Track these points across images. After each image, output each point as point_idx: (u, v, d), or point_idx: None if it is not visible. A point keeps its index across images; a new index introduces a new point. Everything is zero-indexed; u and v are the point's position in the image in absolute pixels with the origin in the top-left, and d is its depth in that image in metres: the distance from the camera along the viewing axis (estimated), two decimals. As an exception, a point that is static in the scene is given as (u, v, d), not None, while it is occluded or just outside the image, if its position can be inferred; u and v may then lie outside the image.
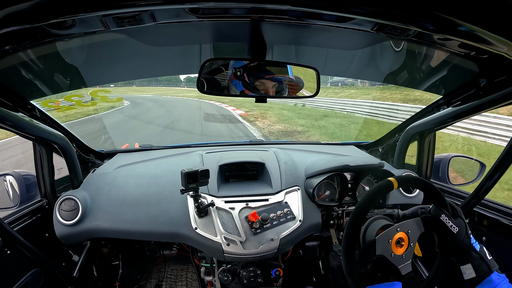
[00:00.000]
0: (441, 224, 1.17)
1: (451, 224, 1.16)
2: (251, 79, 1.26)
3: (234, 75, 1.24)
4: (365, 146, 2.42)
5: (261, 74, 1.27)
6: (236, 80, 1.24)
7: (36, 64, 1.22)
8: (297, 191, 1.62)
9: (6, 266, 1.34)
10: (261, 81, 1.28)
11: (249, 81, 1.26)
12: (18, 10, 0.56)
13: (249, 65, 1.24)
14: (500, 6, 0.61)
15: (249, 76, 1.25)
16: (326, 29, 1.10)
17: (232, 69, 1.23)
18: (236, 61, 1.24)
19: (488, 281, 1.11)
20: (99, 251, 1.97)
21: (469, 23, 0.65)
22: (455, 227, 1.16)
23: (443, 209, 1.18)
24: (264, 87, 1.29)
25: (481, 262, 1.14)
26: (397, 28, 0.88)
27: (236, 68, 1.23)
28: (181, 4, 0.73)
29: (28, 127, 1.33)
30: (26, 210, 1.55)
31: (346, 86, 24.85)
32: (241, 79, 1.24)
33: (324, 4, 0.68)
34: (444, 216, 1.17)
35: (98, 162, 2.05)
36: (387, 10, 0.68)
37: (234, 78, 1.24)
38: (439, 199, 1.20)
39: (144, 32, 1.13)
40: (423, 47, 1.29)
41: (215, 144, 2.34)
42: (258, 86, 1.28)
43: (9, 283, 1.34)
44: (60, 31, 0.89)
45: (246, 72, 1.24)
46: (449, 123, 1.64)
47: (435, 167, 1.98)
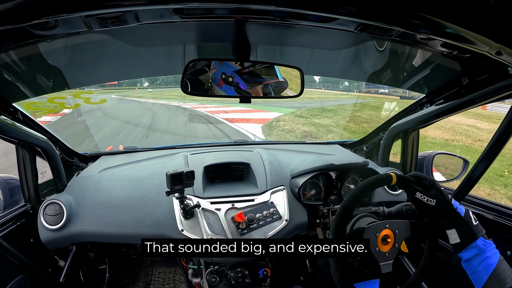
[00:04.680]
0: (420, 204, 1.17)
1: (427, 199, 1.15)
2: (243, 84, 1.26)
3: (224, 81, 1.23)
4: (350, 145, 2.44)
5: (254, 80, 1.28)
6: (226, 85, 1.24)
7: (18, 65, 1.20)
8: (282, 191, 1.62)
9: None
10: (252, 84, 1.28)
11: (242, 87, 1.26)
12: (0, 11, 0.55)
13: (243, 71, 1.24)
14: (482, 7, 0.62)
15: (242, 81, 1.26)
16: (310, 29, 1.11)
17: (221, 75, 1.23)
18: (225, 65, 1.23)
19: (473, 247, 1.09)
20: (85, 255, 1.94)
21: (452, 23, 0.66)
22: (432, 200, 1.14)
23: (416, 186, 1.17)
24: (253, 89, 1.29)
25: (466, 227, 1.12)
26: (381, 28, 0.90)
27: (227, 74, 1.23)
28: (165, 4, 0.73)
29: (10, 130, 1.31)
30: (10, 216, 1.51)
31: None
32: (233, 85, 1.24)
33: (308, 4, 0.69)
34: (419, 193, 1.15)
35: (82, 165, 2.03)
36: (370, 11, 0.69)
37: (224, 83, 1.24)
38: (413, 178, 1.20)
39: (128, 33, 1.12)
40: (407, 47, 1.31)
41: (199, 145, 2.34)
42: (248, 89, 1.29)
43: None
44: (43, 32, 0.88)
45: (240, 77, 1.25)
46: (432, 121, 1.67)
47: (419, 164, 2.02)
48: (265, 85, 1.31)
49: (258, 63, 1.29)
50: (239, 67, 1.24)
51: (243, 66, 1.25)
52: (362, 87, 27.93)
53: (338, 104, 20.44)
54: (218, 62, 1.23)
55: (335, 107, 18.97)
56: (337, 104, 20.16)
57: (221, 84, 1.24)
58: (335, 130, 12.63)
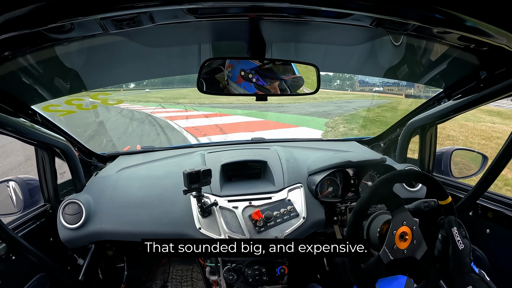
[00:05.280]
0: (450, 236, 1.19)
1: (459, 240, 1.18)
2: (262, 80, 1.26)
3: (243, 77, 1.23)
4: (367, 141, 2.41)
5: (273, 76, 1.27)
6: (245, 82, 1.24)
7: (35, 69, 1.22)
8: (300, 188, 1.62)
9: (12, 271, 1.34)
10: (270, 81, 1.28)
11: (262, 83, 1.25)
12: (17, 16, 0.56)
13: (263, 67, 1.24)
14: None
15: (261, 77, 1.25)
16: (325, 25, 1.10)
17: (240, 72, 1.22)
18: (244, 62, 1.23)
19: None
20: (103, 254, 1.97)
21: (468, 16, 0.65)
22: (462, 244, 1.17)
23: (456, 222, 1.21)
24: (272, 86, 1.28)
25: (482, 283, 1.16)
26: (396, 23, 0.88)
27: (246, 70, 1.23)
28: (179, 4, 0.73)
29: (29, 132, 1.33)
30: (30, 215, 1.55)
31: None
32: (253, 82, 1.24)
33: (322, 0, 0.68)
34: (456, 229, 1.19)
35: (100, 165, 2.06)
36: (385, 5, 0.68)
37: (243, 80, 1.23)
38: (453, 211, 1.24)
39: (143, 34, 1.13)
40: (423, 41, 1.29)
41: (216, 143, 2.34)
42: (267, 86, 1.28)
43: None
44: (59, 35, 0.89)
45: (258, 74, 1.24)
46: (450, 117, 1.64)
47: (437, 160, 1.98)
48: (281, 82, 1.31)
49: (274, 61, 1.28)
50: (259, 63, 1.24)
51: (262, 62, 1.25)
52: (356, 86, 27.52)
53: (362, 106, 17.61)
54: (237, 60, 1.23)
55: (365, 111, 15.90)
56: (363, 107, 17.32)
57: (239, 81, 1.24)
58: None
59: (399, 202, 1.24)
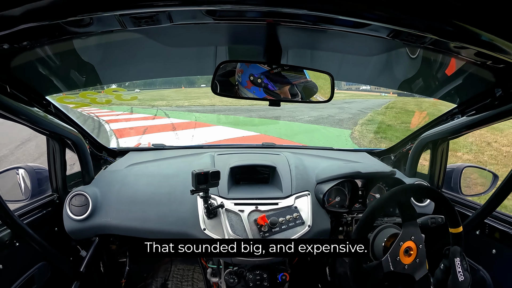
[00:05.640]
0: (452, 265, 1.20)
1: (460, 271, 1.17)
2: (272, 85, 1.26)
3: (252, 82, 1.23)
4: (378, 153, 2.39)
5: (283, 80, 1.27)
6: (255, 87, 1.24)
7: (52, 60, 1.23)
8: (307, 196, 1.61)
9: (15, 258, 1.36)
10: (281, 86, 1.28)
11: (272, 88, 1.25)
12: (37, 7, 0.57)
13: (272, 72, 1.24)
14: None
15: (270, 82, 1.25)
16: (342, 34, 1.10)
17: (249, 76, 1.23)
18: (253, 67, 1.23)
19: None
20: (107, 247, 1.98)
21: (486, 32, 0.64)
22: (462, 276, 1.17)
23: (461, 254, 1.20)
24: (282, 91, 1.28)
25: None
26: (413, 35, 0.88)
27: (255, 75, 1.23)
28: (198, 5, 0.73)
29: (42, 122, 1.35)
30: (37, 204, 1.56)
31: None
32: (262, 86, 1.24)
33: (341, 9, 0.68)
34: (459, 260, 1.18)
35: (110, 159, 2.08)
36: (404, 17, 0.67)
37: (253, 85, 1.24)
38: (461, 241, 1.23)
39: (161, 33, 1.13)
40: (439, 55, 1.28)
41: (227, 146, 2.35)
42: (277, 90, 1.28)
43: (16, 274, 1.36)
44: (77, 29, 0.90)
45: (268, 79, 1.24)
46: (463, 133, 1.62)
47: (447, 177, 1.95)
48: (292, 87, 1.30)
49: (289, 67, 1.28)
50: (268, 67, 1.24)
51: (271, 67, 1.24)
52: (342, 85, 27.14)
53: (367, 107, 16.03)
54: (246, 64, 1.23)
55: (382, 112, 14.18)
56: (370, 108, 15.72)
57: (249, 86, 1.24)
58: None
59: (414, 214, 1.24)
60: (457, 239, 1.25)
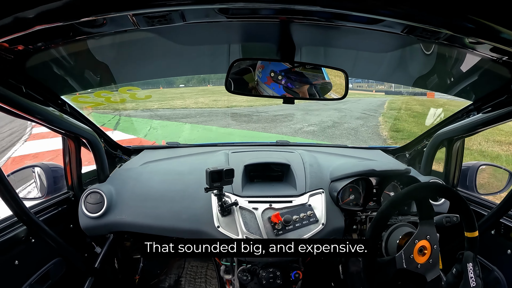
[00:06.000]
0: (464, 270, 1.18)
1: (472, 277, 1.16)
2: (292, 83, 1.25)
3: (272, 79, 1.23)
4: (392, 151, 2.36)
5: (302, 80, 1.27)
6: (274, 84, 1.24)
7: (67, 60, 1.25)
8: (321, 194, 1.60)
9: (30, 254, 1.38)
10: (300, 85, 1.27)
11: (291, 86, 1.25)
12: (51, 9, 0.57)
13: (293, 70, 1.24)
14: None
15: (290, 80, 1.25)
16: (356, 30, 1.09)
17: (269, 73, 1.22)
18: (275, 64, 1.23)
19: None
20: (121, 244, 2.00)
21: (503, 27, 0.63)
22: (474, 282, 1.15)
23: (474, 259, 1.19)
24: (300, 90, 1.28)
25: None
26: (428, 31, 0.88)
27: (276, 72, 1.23)
28: (210, 4, 0.73)
29: (57, 121, 1.37)
30: (53, 201, 1.59)
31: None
32: (282, 84, 1.24)
33: (354, 5, 0.67)
34: (471, 266, 1.17)
35: (125, 157, 2.10)
36: (418, 12, 0.66)
37: (272, 81, 1.23)
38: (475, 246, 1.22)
39: (174, 31, 1.14)
40: (454, 51, 1.26)
41: (241, 144, 2.35)
42: (295, 89, 1.28)
43: (32, 270, 1.39)
44: (91, 29, 0.92)
45: (288, 77, 1.24)
46: (478, 130, 1.59)
47: (463, 175, 1.92)
48: (310, 86, 1.30)
49: (303, 64, 1.27)
50: (289, 65, 1.23)
51: (292, 65, 1.24)
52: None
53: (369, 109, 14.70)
54: (268, 61, 1.23)
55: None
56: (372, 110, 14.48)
57: (269, 82, 1.24)
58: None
59: (431, 213, 1.23)
60: (472, 244, 1.23)
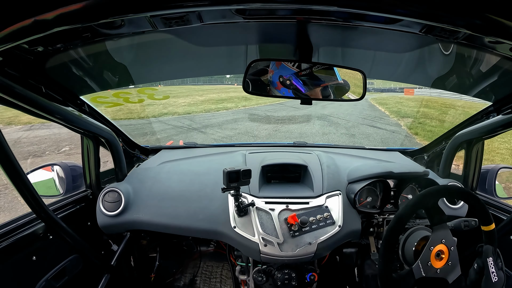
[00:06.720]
0: (485, 266, 1.15)
1: (494, 272, 1.13)
2: (302, 86, 1.25)
3: (282, 84, 1.23)
4: (411, 153, 2.34)
5: (313, 82, 1.26)
6: (284, 89, 1.24)
7: (86, 61, 1.27)
8: (338, 195, 1.59)
9: (48, 250, 1.41)
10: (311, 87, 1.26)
11: (302, 89, 1.25)
12: (70, 11, 0.58)
13: (300, 73, 1.23)
14: None
15: (299, 83, 1.24)
16: (374, 31, 1.08)
17: (279, 78, 1.22)
18: (283, 68, 1.23)
19: None
20: (138, 242, 2.03)
21: None
22: (496, 277, 1.12)
23: (494, 253, 1.16)
24: (312, 92, 1.27)
25: None
26: (447, 30, 0.86)
27: (285, 76, 1.22)
28: (227, 5, 0.73)
29: (76, 121, 1.40)
30: (71, 199, 1.63)
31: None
32: (291, 88, 1.23)
33: (371, 5, 0.66)
34: (492, 260, 1.14)
35: (142, 157, 2.13)
36: (436, 12, 0.65)
37: (282, 86, 1.23)
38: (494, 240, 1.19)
39: (191, 32, 1.15)
40: (473, 51, 1.23)
41: (258, 144, 2.36)
42: (307, 92, 1.27)
43: (49, 266, 1.41)
44: (109, 31, 0.93)
45: (297, 80, 1.24)
46: (498, 132, 1.55)
47: (482, 178, 1.87)
48: (324, 87, 1.29)
49: (320, 65, 1.26)
50: (296, 69, 1.23)
51: (300, 68, 1.23)
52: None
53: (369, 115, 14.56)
54: (276, 65, 1.23)
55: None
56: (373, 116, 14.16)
57: (279, 87, 1.24)
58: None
59: (442, 217, 1.20)
60: (490, 237, 1.20)
